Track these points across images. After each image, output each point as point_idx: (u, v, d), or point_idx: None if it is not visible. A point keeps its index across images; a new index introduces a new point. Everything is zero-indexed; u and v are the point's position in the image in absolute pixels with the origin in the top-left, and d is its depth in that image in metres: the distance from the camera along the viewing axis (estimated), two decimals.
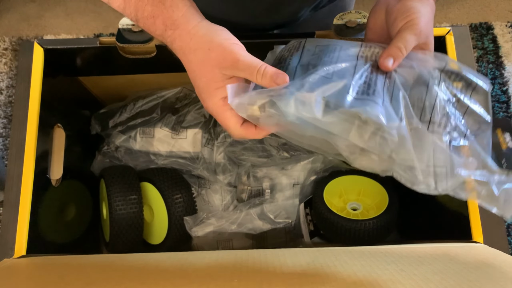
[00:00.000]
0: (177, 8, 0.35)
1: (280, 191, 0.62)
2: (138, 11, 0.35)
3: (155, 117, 0.63)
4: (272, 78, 0.33)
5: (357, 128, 0.33)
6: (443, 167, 0.33)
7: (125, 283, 0.32)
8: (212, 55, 0.34)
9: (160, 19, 0.35)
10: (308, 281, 0.31)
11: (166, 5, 0.35)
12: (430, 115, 0.35)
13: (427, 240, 0.48)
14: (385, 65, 0.35)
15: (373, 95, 0.34)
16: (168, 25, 0.35)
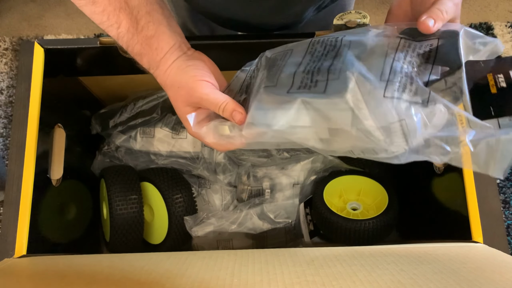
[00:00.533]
0: (161, 50, 0.39)
1: (280, 191, 0.62)
2: (128, 47, 0.40)
3: (155, 117, 0.63)
4: (231, 115, 0.37)
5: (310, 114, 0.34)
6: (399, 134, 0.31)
7: (125, 283, 0.32)
8: (181, 93, 0.39)
9: (146, 58, 0.40)
10: (307, 280, 0.31)
11: (152, 47, 0.39)
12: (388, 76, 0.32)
13: (427, 240, 0.48)
14: (425, 25, 0.33)
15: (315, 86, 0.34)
16: (151, 65, 0.40)
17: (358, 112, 0.32)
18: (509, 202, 1.14)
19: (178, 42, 0.40)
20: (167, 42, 0.39)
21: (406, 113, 0.31)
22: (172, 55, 0.40)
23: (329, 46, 0.37)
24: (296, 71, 0.36)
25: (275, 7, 0.50)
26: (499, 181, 1.16)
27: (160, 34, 0.39)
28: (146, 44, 0.39)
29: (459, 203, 0.47)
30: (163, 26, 0.39)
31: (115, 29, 0.38)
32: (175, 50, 0.40)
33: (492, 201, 0.46)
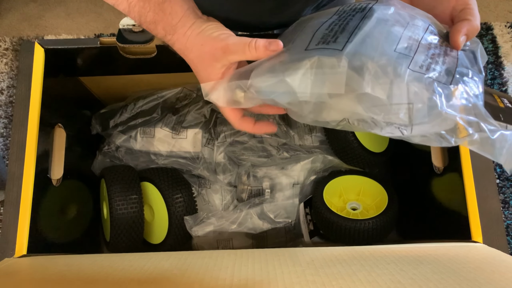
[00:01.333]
0: (176, 14, 0.38)
1: (280, 191, 0.62)
2: (141, 17, 0.38)
3: (155, 117, 0.63)
4: (265, 48, 0.35)
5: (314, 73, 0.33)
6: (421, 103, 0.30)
7: (125, 283, 0.33)
8: (206, 49, 0.37)
9: (160, 25, 0.38)
10: (307, 280, 0.31)
11: (166, 12, 0.38)
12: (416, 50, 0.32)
13: (427, 240, 0.48)
14: (458, 44, 0.34)
15: (334, 42, 0.33)
16: (167, 30, 0.39)
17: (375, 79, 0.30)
18: (509, 202, 1.14)
19: (191, 6, 0.40)
20: (180, 6, 0.38)
21: (428, 88, 0.30)
22: (189, 18, 0.39)
23: (358, 9, 0.36)
24: (319, 28, 0.35)
25: (274, 7, 0.50)
26: (499, 181, 1.16)
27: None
28: (160, 9, 0.38)
29: (459, 203, 0.47)
30: None
31: (125, 0, 0.38)
32: (190, 14, 0.39)
33: (491, 201, 0.46)
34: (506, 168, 0.31)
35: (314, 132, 0.66)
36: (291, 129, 0.65)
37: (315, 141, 0.65)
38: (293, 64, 0.33)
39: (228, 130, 0.64)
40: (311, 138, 0.65)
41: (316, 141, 0.65)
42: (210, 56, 0.37)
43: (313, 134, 0.65)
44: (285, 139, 0.64)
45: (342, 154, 0.62)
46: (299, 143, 0.65)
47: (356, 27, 0.33)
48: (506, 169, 0.31)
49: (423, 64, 0.32)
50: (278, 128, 0.65)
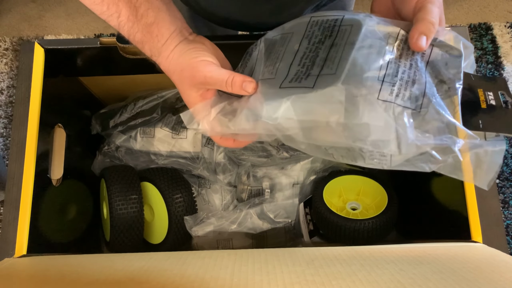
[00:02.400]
0: (162, 37, 0.39)
1: (280, 191, 0.62)
2: (130, 36, 0.40)
3: (155, 117, 0.63)
4: (241, 87, 0.36)
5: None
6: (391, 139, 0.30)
7: (125, 283, 0.33)
8: (185, 75, 0.38)
9: (147, 46, 0.40)
10: (307, 280, 0.31)
11: (152, 35, 0.39)
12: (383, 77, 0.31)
13: (426, 240, 0.49)
14: (418, 46, 0.33)
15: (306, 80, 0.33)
16: (153, 52, 0.40)
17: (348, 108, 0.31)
18: (509, 202, 1.14)
19: (178, 27, 0.40)
20: (167, 28, 0.39)
21: (398, 118, 0.30)
22: (174, 41, 0.39)
23: (327, 31, 0.36)
24: (292, 62, 0.35)
25: (274, 9, 0.50)
26: (499, 181, 1.16)
27: (160, 21, 0.39)
28: (147, 31, 0.39)
29: (459, 203, 0.47)
30: (163, 12, 0.39)
31: (115, 18, 0.38)
32: (176, 36, 0.40)
33: (491, 201, 0.46)
34: (481, 186, 0.31)
35: None
36: None
37: None
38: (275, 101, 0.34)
39: None
40: None
41: None
42: (189, 81, 0.38)
43: None
44: None
45: None
46: None
47: (325, 59, 0.34)
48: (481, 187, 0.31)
49: (392, 90, 0.31)
50: None
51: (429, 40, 0.33)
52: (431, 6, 0.34)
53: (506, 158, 1.18)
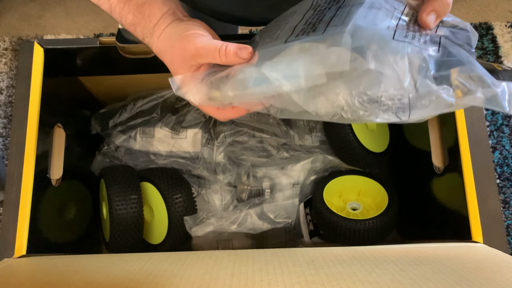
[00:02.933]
0: (154, 17, 0.38)
1: (280, 191, 0.62)
2: (121, 18, 0.38)
3: (155, 117, 0.63)
4: (236, 55, 0.33)
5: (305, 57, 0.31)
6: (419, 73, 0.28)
7: (125, 282, 0.32)
8: (176, 51, 0.36)
9: (139, 27, 0.38)
10: (307, 280, 0.31)
11: (144, 15, 0.38)
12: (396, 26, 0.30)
13: (427, 240, 0.48)
14: (427, 22, 0.32)
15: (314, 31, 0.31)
16: (145, 33, 0.39)
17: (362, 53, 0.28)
18: (509, 202, 1.14)
19: (172, 8, 0.39)
20: (159, 9, 0.38)
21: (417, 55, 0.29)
22: (166, 21, 0.38)
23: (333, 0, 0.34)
24: (298, 24, 0.33)
25: (274, 6, 0.50)
26: (499, 181, 1.16)
27: (151, 1, 0.37)
28: (138, 12, 0.38)
29: (459, 203, 0.47)
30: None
31: (106, 1, 0.38)
32: (168, 16, 0.38)
33: (492, 201, 0.46)
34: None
35: (314, 132, 0.66)
36: (291, 129, 0.65)
37: (315, 141, 0.65)
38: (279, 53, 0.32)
39: (228, 130, 0.64)
40: (311, 138, 0.65)
41: (316, 141, 0.65)
42: (180, 57, 0.36)
43: (313, 134, 0.65)
44: (285, 139, 0.64)
45: (342, 154, 0.62)
46: (299, 143, 0.65)
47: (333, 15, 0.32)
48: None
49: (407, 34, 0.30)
50: (278, 128, 0.65)
51: (438, 19, 0.32)
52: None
53: (507, 158, 1.18)
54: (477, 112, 0.49)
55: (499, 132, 1.22)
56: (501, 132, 1.22)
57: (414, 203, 0.62)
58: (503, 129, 1.22)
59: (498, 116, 1.23)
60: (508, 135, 1.21)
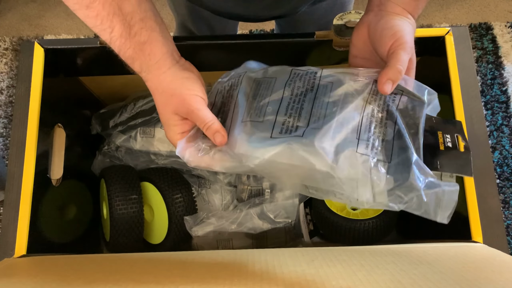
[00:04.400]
0: (154, 56, 0.40)
1: (280, 191, 0.62)
2: (120, 51, 0.40)
3: (155, 117, 0.63)
4: (212, 135, 0.40)
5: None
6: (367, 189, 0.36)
7: (125, 282, 0.32)
8: (173, 101, 0.41)
9: (138, 62, 0.41)
10: (307, 280, 0.31)
11: (145, 53, 0.40)
12: (359, 133, 0.37)
13: (427, 240, 0.48)
14: (384, 90, 0.37)
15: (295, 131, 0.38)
16: (143, 68, 0.41)
17: (331, 163, 0.35)
18: (509, 202, 1.14)
19: (170, 50, 0.41)
20: (159, 49, 0.40)
21: (373, 170, 0.35)
22: (166, 62, 0.41)
23: (308, 85, 0.40)
24: (279, 110, 0.39)
25: (269, 5, 0.50)
26: (499, 181, 1.16)
27: (153, 41, 0.40)
28: (139, 49, 0.40)
29: (459, 203, 0.47)
30: (156, 33, 0.40)
31: (108, 33, 0.39)
32: (168, 57, 0.41)
33: (492, 201, 0.46)
34: (441, 221, 0.36)
35: None
36: None
37: None
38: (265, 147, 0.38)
39: None
40: None
41: None
42: (174, 107, 0.41)
43: None
44: None
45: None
46: None
47: (310, 113, 0.38)
48: (442, 222, 0.36)
49: (368, 144, 0.36)
50: None
51: (394, 85, 0.37)
52: (402, 53, 0.37)
53: (507, 158, 1.18)
54: (477, 112, 0.50)
55: (499, 132, 1.22)
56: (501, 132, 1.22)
57: None
58: (503, 129, 1.22)
59: (498, 116, 1.23)
60: (508, 135, 1.21)
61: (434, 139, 0.39)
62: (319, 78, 0.41)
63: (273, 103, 0.40)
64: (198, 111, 0.40)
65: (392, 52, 0.38)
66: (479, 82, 1.26)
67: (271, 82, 0.42)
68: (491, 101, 1.25)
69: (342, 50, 0.53)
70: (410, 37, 0.39)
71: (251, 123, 0.40)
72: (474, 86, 0.50)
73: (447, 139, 0.39)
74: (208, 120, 0.40)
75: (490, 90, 1.26)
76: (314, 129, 0.37)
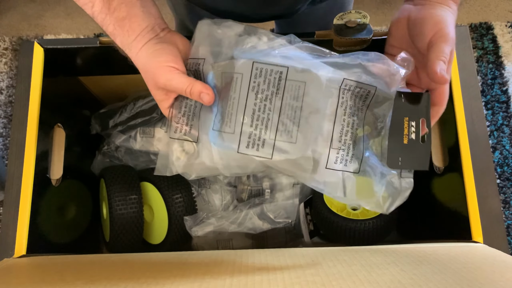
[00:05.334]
0: (133, 32, 0.39)
1: (280, 191, 0.62)
2: (103, 26, 0.40)
3: (155, 117, 0.63)
4: (198, 97, 0.39)
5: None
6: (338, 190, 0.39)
7: (125, 282, 0.32)
8: (149, 76, 0.40)
9: (118, 39, 0.40)
10: (307, 280, 0.31)
11: (123, 29, 0.39)
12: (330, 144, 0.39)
13: (427, 240, 0.48)
14: (444, 79, 0.36)
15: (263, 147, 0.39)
16: (124, 46, 0.41)
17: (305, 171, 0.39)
18: (509, 202, 1.14)
19: (151, 24, 0.40)
20: (139, 24, 0.39)
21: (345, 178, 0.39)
22: (144, 38, 0.40)
23: (273, 87, 0.39)
24: (243, 122, 0.39)
25: (264, 2, 0.50)
26: (499, 181, 1.16)
27: (132, 16, 0.39)
28: (118, 25, 0.39)
29: (459, 203, 0.47)
30: (136, 8, 0.39)
31: (89, 8, 0.39)
32: (147, 33, 0.40)
33: (492, 201, 0.46)
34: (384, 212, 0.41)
35: None
36: None
37: None
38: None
39: None
40: None
41: None
42: (153, 82, 0.40)
43: None
44: None
45: None
46: None
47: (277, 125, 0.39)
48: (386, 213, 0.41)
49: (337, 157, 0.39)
50: None
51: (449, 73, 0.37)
52: (443, 45, 0.36)
53: (507, 158, 1.18)
54: (477, 112, 0.49)
55: (499, 132, 1.22)
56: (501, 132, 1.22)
57: (414, 203, 0.62)
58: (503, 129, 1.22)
59: (499, 116, 1.23)
60: (508, 135, 1.21)
61: (399, 130, 0.40)
62: (285, 78, 0.38)
63: (239, 110, 0.39)
64: (171, 81, 0.39)
65: (433, 45, 0.37)
66: (480, 82, 1.26)
67: (237, 82, 0.40)
68: (491, 101, 1.24)
69: (343, 50, 0.52)
70: (451, 28, 0.38)
71: (220, 133, 0.40)
72: (475, 86, 0.50)
73: (412, 129, 0.40)
74: (186, 85, 0.38)
75: (490, 90, 1.26)
76: (283, 142, 0.38)
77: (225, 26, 0.42)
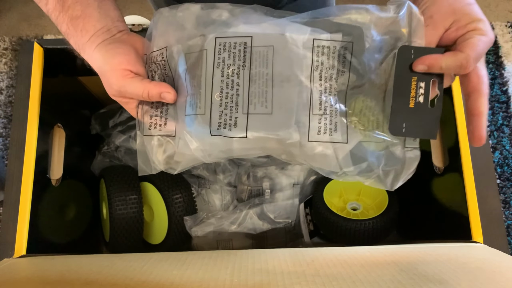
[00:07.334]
0: (86, 32, 0.37)
1: (280, 191, 0.62)
2: (57, 25, 0.38)
3: None
4: (159, 98, 0.36)
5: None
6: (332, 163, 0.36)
7: (125, 283, 0.32)
8: (104, 80, 0.38)
9: (72, 39, 0.38)
10: (308, 281, 0.31)
11: (77, 29, 0.37)
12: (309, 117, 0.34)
13: (427, 240, 0.48)
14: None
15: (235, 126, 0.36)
16: (78, 46, 0.39)
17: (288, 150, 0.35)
18: (509, 202, 1.14)
19: (107, 25, 0.38)
20: (93, 25, 0.37)
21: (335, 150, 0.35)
22: (98, 38, 0.37)
23: (238, 59, 0.35)
24: (212, 102, 0.35)
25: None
26: (499, 181, 1.16)
27: (86, 16, 0.37)
28: (71, 24, 0.37)
29: (459, 203, 0.47)
30: (92, 8, 0.37)
31: (44, 5, 0.37)
32: (101, 34, 0.37)
33: (492, 201, 0.46)
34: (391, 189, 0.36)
35: None
36: None
37: None
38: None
39: None
40: None
41: None
42: (108, 86, 0.38)
43: None
44: None
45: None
46: None
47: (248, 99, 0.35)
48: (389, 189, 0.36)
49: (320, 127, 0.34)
50: None
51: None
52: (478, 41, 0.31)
53: (507, 158, 1.18)
54: None
55: (499, 132, 1.22)
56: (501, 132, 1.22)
57: (414, 203, 0.62)
58: (503, 129, 1.22)
59: (499, 116, 1.23)
60: (508, 135, 1.21)
61: (405, 91, 0.34)
62: (250, 47, 0.35)
63: (207, 90, 0.36)
64: (125, 88, 0.36)
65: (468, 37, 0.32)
66: None
67: (203, 60, 0.36)
68: (491, 101, 1.24)
69: None
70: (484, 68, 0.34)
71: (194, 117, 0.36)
72: None
73: (420, 91, 0.34)
74: (140, 92, 0.36)
75: (490, 90, 1.26)
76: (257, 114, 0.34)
77: (184, 8, 0.39)
